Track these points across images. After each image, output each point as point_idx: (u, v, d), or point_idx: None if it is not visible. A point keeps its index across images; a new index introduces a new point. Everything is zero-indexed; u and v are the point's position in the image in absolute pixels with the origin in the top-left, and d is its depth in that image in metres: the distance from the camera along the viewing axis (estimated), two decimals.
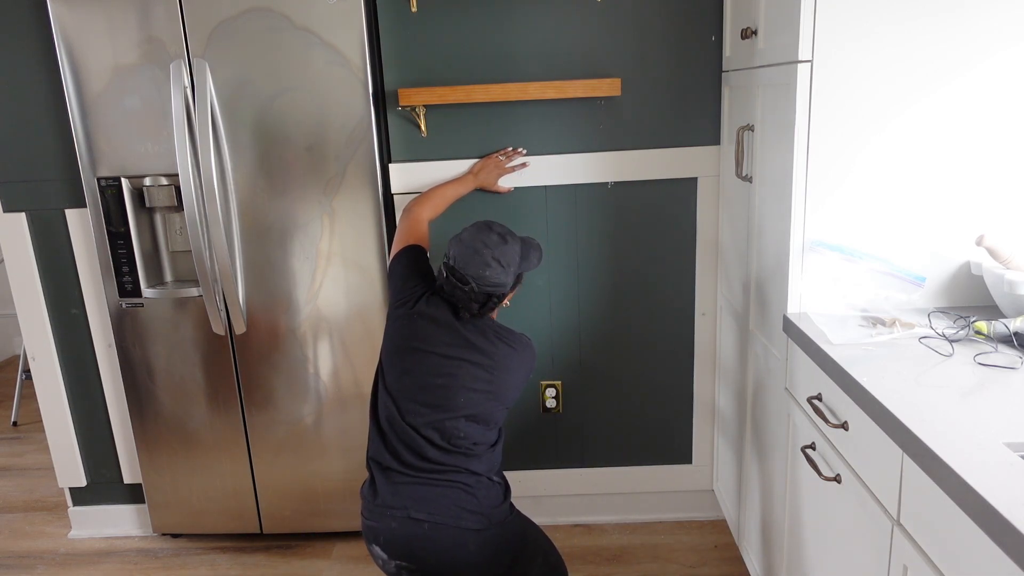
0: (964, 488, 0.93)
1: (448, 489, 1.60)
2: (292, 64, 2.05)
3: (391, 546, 1.60)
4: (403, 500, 1.60)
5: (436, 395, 1.61)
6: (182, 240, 2.27)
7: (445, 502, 1.59)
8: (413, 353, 1.64)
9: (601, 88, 2.09)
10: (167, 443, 2.36)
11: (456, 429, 1.60)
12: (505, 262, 1.63)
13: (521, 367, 1.69)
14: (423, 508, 1.58)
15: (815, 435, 1.49)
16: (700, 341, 2.35)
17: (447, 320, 1.65)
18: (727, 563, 2.27)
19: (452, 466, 1.61)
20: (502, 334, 1.68)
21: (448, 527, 1.57)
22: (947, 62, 1.48)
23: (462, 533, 1.58)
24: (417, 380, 1.63)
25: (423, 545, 1.58)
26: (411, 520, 1.58)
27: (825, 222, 1.57)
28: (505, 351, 1.66)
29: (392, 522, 1.59)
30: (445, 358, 1.62)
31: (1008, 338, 1.38)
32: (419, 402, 1.61)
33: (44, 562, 2.46)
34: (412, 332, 1.66)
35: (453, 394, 1.60)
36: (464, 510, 1.59)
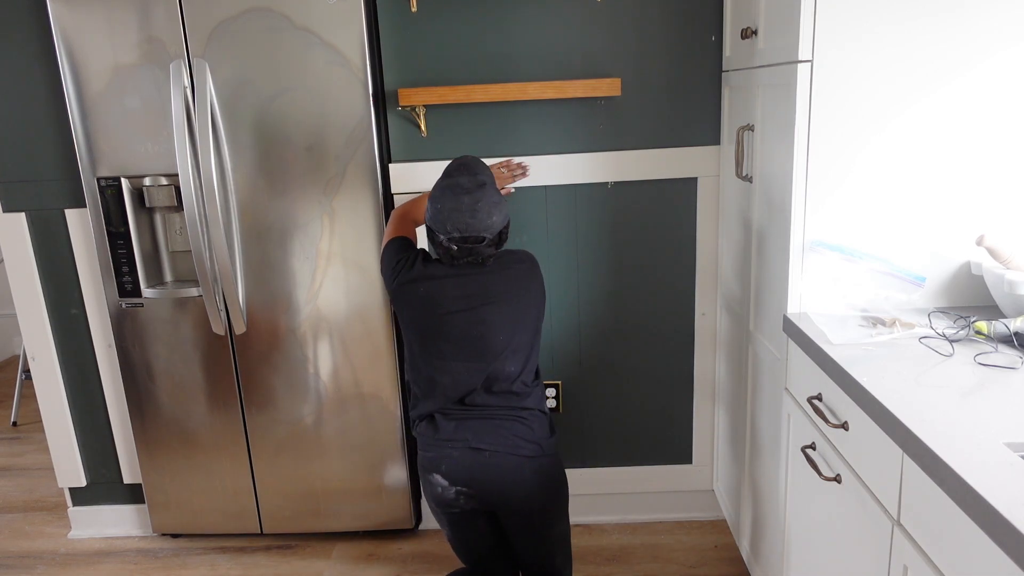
0: (964, 488, 0.93)
1: (506, 421, 1.75)
2: (292, 64, 2.05)
3: (453, 473, 1.74)
4: (464, 432, 1.74)
5: (477, 348, 1.72)
6: (182, 240, 2.27)
7: (504, 432, 1.74)
8: (440, 319, 1.72)
9: (601, 88, 2.09)
10: (167, 443, 2.36)
11: (504, 372, 1.74)
12: (495, 199, 1.70)
13: (534, 278, 1.78)
14: (484, 439, 1.73)
15: (815, 435, 1.49)
16: (700, 341, 2.35)
17: (452, 273, 1.73)
18: (727, 563, 2.27)
19: (507, 404, 1.76)
20: (504, 259, 1.76)
21: (507, 455, 1.73)
22: (947, 62, 1.48)
23: (519, 460, 1.73)
24: (454, 342, 1.73)
25: (484, 471, 1.73)
26: (472, 449, 1.73)
27: (825, 222, 1.57)
28: (516, 271, 1.75)
29: (454, 451, 1.74)
30: (469, 311, 1.71)
31: (1008, 338, 1.38)
32: (463, 359, 1.73)
33: (44, 562, 2.46)
34: (429, 299, 1.73)
35: (491, 341, 1.72)
36: (521, 439, 1.74)
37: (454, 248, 1.69)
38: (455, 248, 1.69)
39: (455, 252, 1.70)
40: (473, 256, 1.70)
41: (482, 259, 1.71)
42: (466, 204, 1.66)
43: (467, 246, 1.68)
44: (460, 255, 1.70)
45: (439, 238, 1.70)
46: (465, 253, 1.70)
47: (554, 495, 1.81)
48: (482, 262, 1.72)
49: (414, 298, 1.74)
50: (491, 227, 1.68)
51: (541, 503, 1.79)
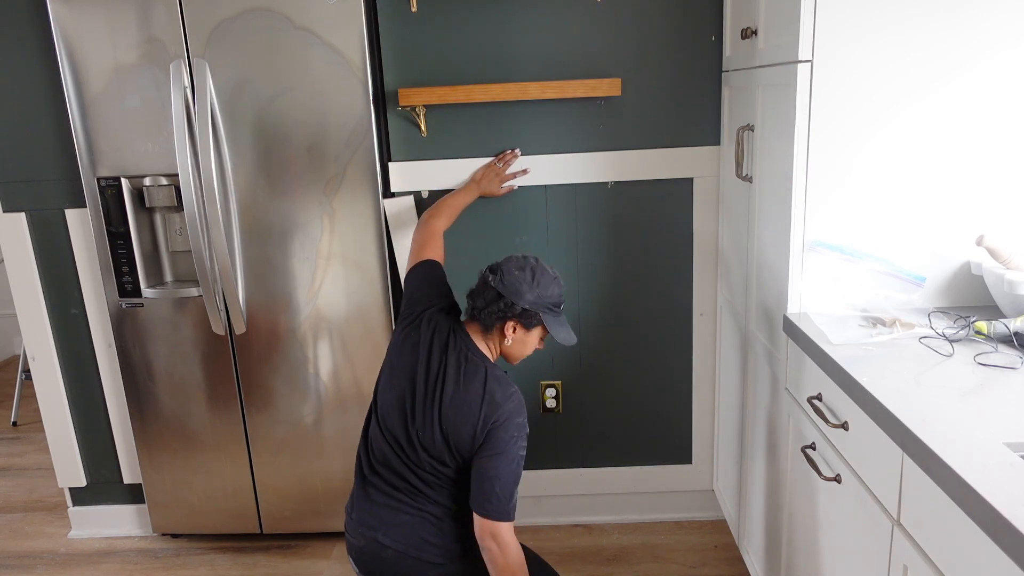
0: (964, 488, 0.93)
1: (415, 518, 1.62)
2: (292, 64, 2.05)
3: (360, 563, 1.66)
4: (374, 520, 1.63)
5: (416, 413, 1.60)
6: (182, 240, 2.27)
7: (409, 531, 1.61)
8: (401, 371, 1.64)
9: (601, 88, 2.09)
10: (167, 443, 2.36)
11: (429, 451, 1.59)
12: (537, 279, 1.61)
13: (474, 416, 1.57)
14: (389, 533, 1.61)
15: (815, 435, 1.49)
16: (699, 341, 2.35)
17: (440, 342, 1.64)
18: (727, 563, 2.28)
19: (423, 493, 1.62)
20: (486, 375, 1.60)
21: (409, 557, 1.60)
22: (947, 62, 1.48)
23: (423, 565, 1.61)
24: (398, 396, 1.62)
25: (386, 569, 1.62)
26: (377, 543, 1.62)
27: (825, 222, 1.57)
28: (474, 391, 1.59)
29: (361, 540, 1.64)
30: (427, 379, 1.61)
31: (1008, 338, 1.38)
32: (399, 416, 1.61)
33: (44, 562, 2.46)
34: (404, 349, 1.66)
35: (430, 415, 1.58)
36: (427, 542, 1.61)
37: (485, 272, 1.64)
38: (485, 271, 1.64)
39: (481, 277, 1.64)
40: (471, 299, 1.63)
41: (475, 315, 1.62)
42: (537, 267, 1.63)
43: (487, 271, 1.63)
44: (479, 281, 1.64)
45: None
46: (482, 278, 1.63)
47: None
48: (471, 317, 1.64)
49: (400, 342, 1.68)
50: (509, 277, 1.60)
51: None
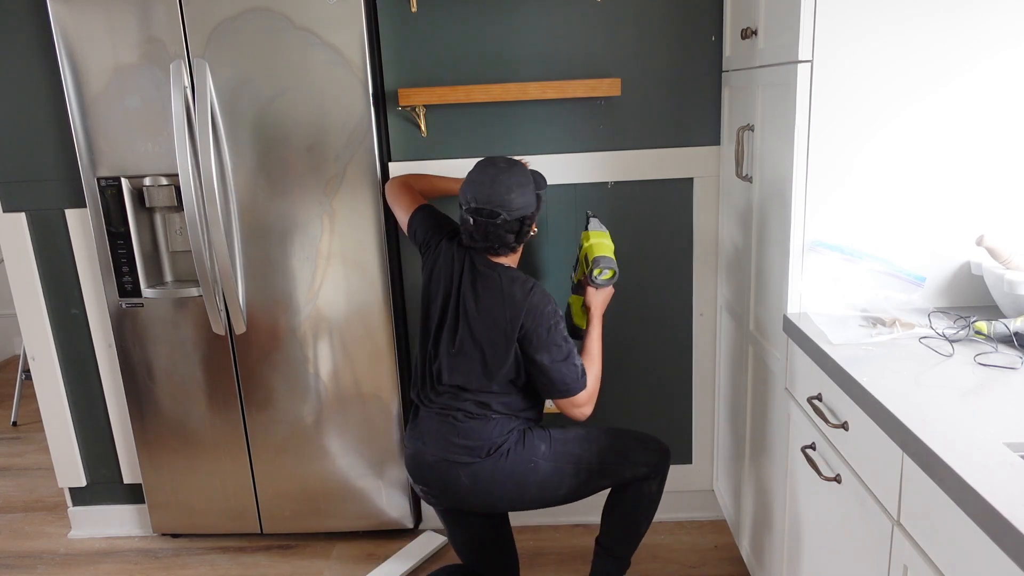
0: (964, 488, 0.93)
1: (443, 424, 1.77)
2: (292, 64, 2.05)
3: (411, 471, 1.83)
4: (419, 431, 1.81)
5: (450, 331, 1.76)
6: (182, 240, 2.27)
7: (439, 435, 1.76)
8: (432, 302, 1.81)
9: (601, 88, 2.09)
10: (167, 443, 2.36)
11: (462, 373, 1.75)
12: (522, 181, 1.71)
13: (502, 321, 1.72)
14: (428, 440, 1.78)
15: (815, 435, 1.49)
16: (698, 341, 2.35)
17: (457, 264, 1.78)
18: (727, 563, 2.27)
19: (454, 404, 1.77)
20: (516, 282, 1.74)
21: (441, 460, 1.75)
22: (947, 62, 1.48)
23: (452, 466, 1.74)
24: (435, 317, 1.79)
25: (428, 474, 1.77)
26: (420, 451, 1.79)
27: (825, 222, 1.57)
28: (493, 299, 1.73)
29: (411, 449, 1.82)
30: (450, 303, 1.77)
31: (1008, 338, 1.38)
32: (438, 336, 1.78)
33: (44, 562, 2.46)
34: (431, 284, 1.82)
35: (461, 331, 1.74)
36: (452, 443, 1.74)
37: (470, 221, 1.71)
38: (471, 221, 1.71)
39: (471, 227, 1.71)
40: (488, 239, 1.71)
41: (497, 246, 1.72)
42: (489, 175, 1.70)
43: (481, 219, 1.69)
44: (476, 232, 1.71)
45: (461, 210, 1.75)
46: (481, 231, 1.70)
47: (512, 496, 1.77)
48: (496, 250, 1.75)
49: (427, 273, 1.84)
50: (507, 204, 1.68)
51: (501, 504, 1.78)
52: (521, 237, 1.75)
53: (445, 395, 1.79)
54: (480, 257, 1.77)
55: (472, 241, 1.75)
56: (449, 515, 1.88)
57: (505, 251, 1.76)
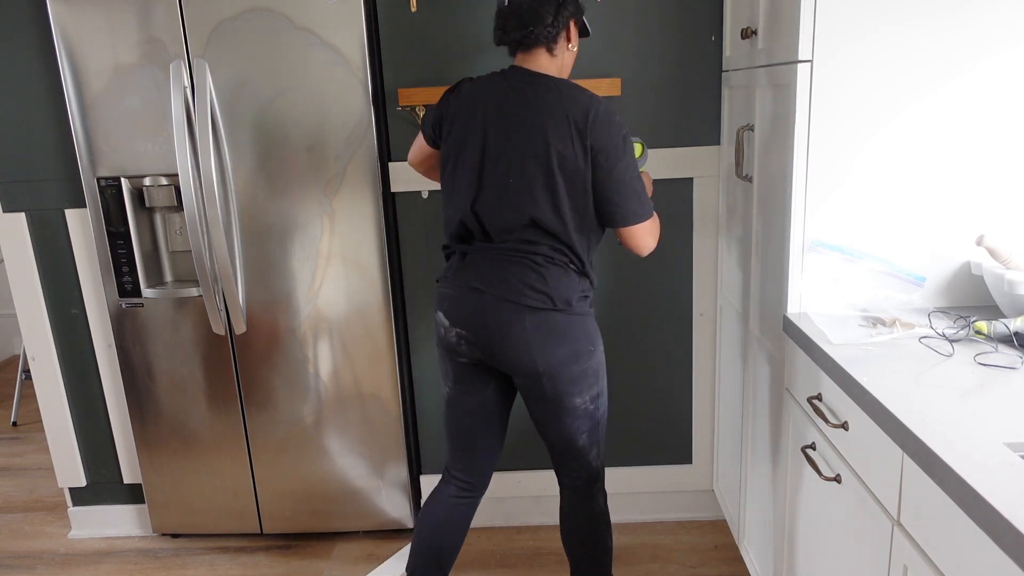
0: (964, 488, 0.93)
1: (515, 265, 1.59)
2: (292, 64, 2.05)
3: (452, 313, 1.65)
4: (470, 272, 1.63)
5: (494, 175, 1.59)
6: (182, 240, 2.27)
7: (509, 276, 1.59)
8: (469, 134, 1.61)
9: (601, 88, 2.09)
10: (167, 443, 2.36)
11: (523, 211, 1.57)
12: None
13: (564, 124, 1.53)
14: (487, 280, 1.60)
15: (815, 435, 1.49)
16: (699, 341, 2.35)
17: (490, 95, 1.61)
18: (727, 563, 2.27)
19: (521, 248, 1.60)
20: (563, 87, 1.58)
21: (507, 301, 1.58)
22: (947, 62, 1.48)
23: (520, 309, 1.58)
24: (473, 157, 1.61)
25: (481, 316, 1.60)
26: (472, 290, 1.61)
27: (825, 222, 1.57)
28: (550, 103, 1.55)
29: (456, 290, 1.64)
30: (505, 119, 1.58)
31: (1008, 338, 1.38)
32: (482, 174, 1.60)
33: (44, 562, 2.46)
34: (463, 110, 1.63)
35: (516, 152, 1.57)
36: (527, 286, 1.58)
37: (505, 3, 1.59)
38: (505, 3, 1.58)
39: (505, 10, 1.58)
40: (524, 22, 1.56)
41: (534, 27, 1.56)
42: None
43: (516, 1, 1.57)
44: (511, 15, 1.57)
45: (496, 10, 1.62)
46: (515, 12, 1.56)
47: (566, 359, 1.60)
48: (534, 39, 1.57)
49: (455, 115, 1.64)
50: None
51: (547, 365, 1.59)
52: (559, 22, 1.57)
53: (512, 239, 1.60)
54: (520, 74, 1.60)
55: (504, 35, 1.60)
56: (468, 373, 1.71)
57: (542, 41, 1.58)
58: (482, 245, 1.64)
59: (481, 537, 2.47)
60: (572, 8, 1.60)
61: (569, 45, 1.64)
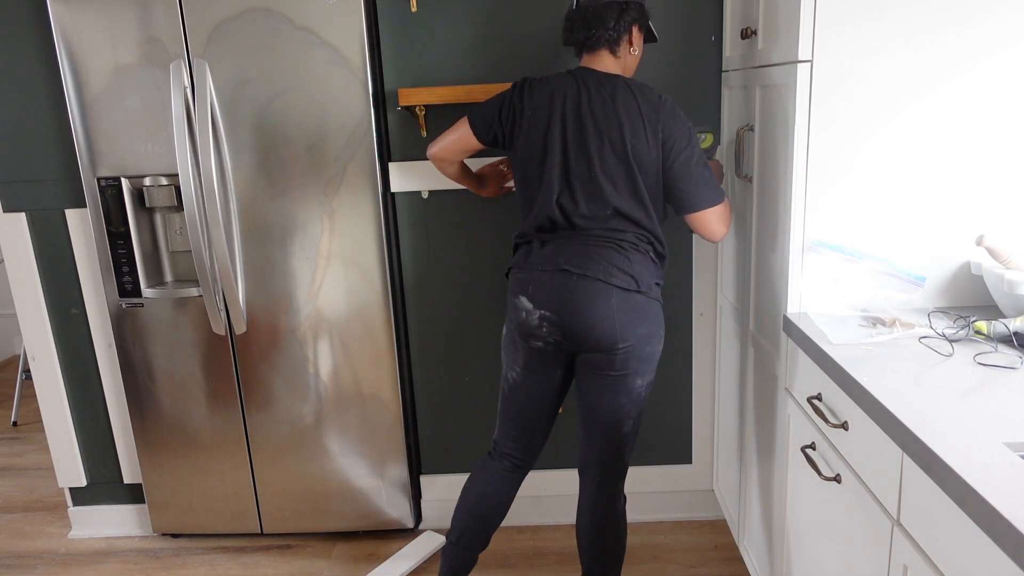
0: (964, 488, 0.93)
1: (602, 248, 1.69)
2: (292, 64, 2.05)
3: (537, 295, 1.70)
4: (556, 256, 1.70)
5: (575, 166, 1.69)
6: (182, 240, 2.27)
7: (597, 258, 1.68)
8: (547, 130, 1.71)
9: None
10: (167, 443, 2.36)
11: (604, 199, 1.68)
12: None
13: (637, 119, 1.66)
14: (575, 262, 1.68)
15: (815, 435, 1.49)
16: (699, 341, 2.35)
17: (562, 94, 1.70)
18: (727, 563, 2.28)
19: (605, 234, 1.70)
20: (632, 85, 1.69)
21: (595, 280, 1.66)
22: (946, 62, 1.48)
23: (607, 287, 1.66)
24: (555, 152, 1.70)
25: (568, 295, 1.67)
26: (561, 271, 1.69)
27: (825, 222, 1.57)
28: (623, 100, 1.66)
29: (543, 274, 1.70)
30: (579, 117, 1.68)
31: (1008, 338, 1.38)
32: (559, 178, 1.71)
33: (44, 562, 2.46)
34: (537, 108, 1.71)
35: (597, 146, 1.67)
36: (614, 267, 1.67)
37: (573, 5, 1.71)
38: (574, 6, 1.71)
39: (572, 13, 1.71)
40: (589, 25, 1.69)
41: (597, 30, 1.68)
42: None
43: (584, 2, 1.69)
44: (577, 19, 1.70)
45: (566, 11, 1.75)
46: (581, 16, 1.69)
47: (643, 337, 1.69)
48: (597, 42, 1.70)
49: (527, 111, 1.73)
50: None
51: (627, 340, 1.67)
52: (621, 26, 1.69)
53: (598, 226, 1.70)
54: (589, 74, 1.71)
55: (570, 35, 1.73)
56: (539, 358, 1.77)
57: (604, 43, 1.70)
58: (566, 232, 1.73)
59: None
60: (635, 14, 1.72)
61: (632, 49, 1.75)
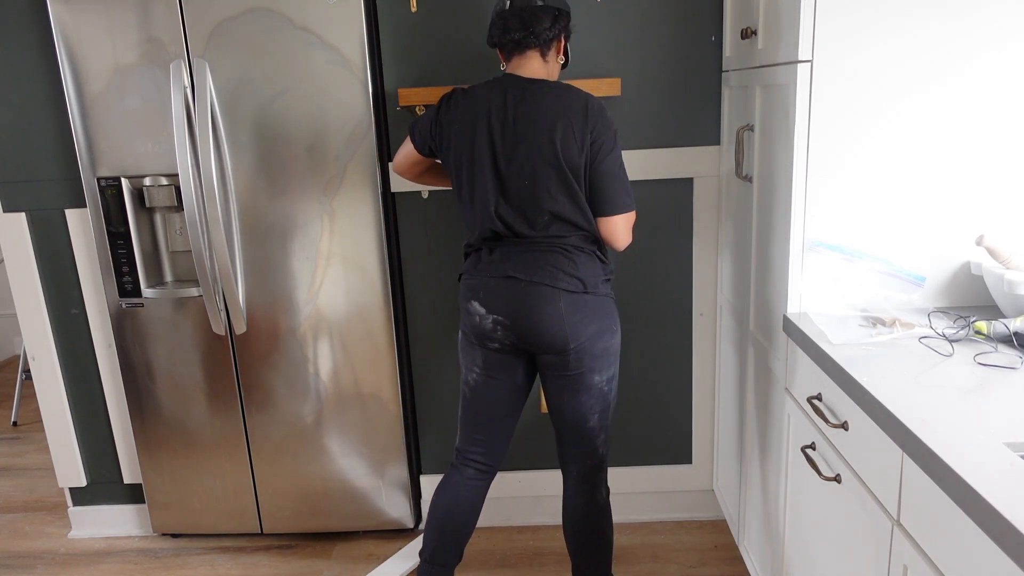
0: (964, 488, 0.93)
1: (547, 254, 1.71)
2: (292, 64, 2.05)
3: (489, 301, 1.73)
4: (503, 263, 1.73)
5: (511, 176, 1.69)
6: (182, 240, 2.27)
7: (543, 263, 1.70)
8: (473, 140, 1.70)
9: (601, 88, 2.09)
10: (167, 443, 2.36)
11: (542, 205, 1.68)
12: None
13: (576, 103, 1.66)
14: (522, 269, 1.71)
15: (815, 435, 1.49)
16: (699, 341, 2.35)
17: (493, 89, 1.70)
18: (727, 563, 2.28)
19: (548, 240, 1.72)
20: (560, 87, 1.69)
21: (542, 285, 1.69)
22: (946, 63, 1.48)
23: (554, 292, 1.69)
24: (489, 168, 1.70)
25: (518, 301, 1.70)
26: (508, 278, 1.71)
27: (825, 222, 1.57)
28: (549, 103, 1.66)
29: (491, 279, 1.73)
30: (506, 129, 1.68)
31: (1008, 338, 1.38)
32: (497, 188, 1.71)
33: (44, 562, 2.46)
34: (467, 121, 1.71)
35: (526, 153, 1.67)
36: (560, 271, 1.70)
37: (506, 5, 1.69)
38: (507, 5, 1.69)
39: (507, 13, 1.69)
40: (526, 25, 1.67)
41: (535, 30, 1.67)
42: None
43: (519, 3, 1.67)
44: (512, 20, 1.68)
45: (493, 14, 1.73)
46: (517, 17, 1.67)
47: (594, 335, 1.72)
48: (531, 43, 1.68)
49: (454, 125, 1.72)
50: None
51: (577, 339, 1.70)
52: (555, 29, 1.70)
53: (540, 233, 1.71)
54: (515, 80, 1.70)
55: (504, 34, 1.69)
56: (497, 359, 1.78)
57: (541, 43, 1.69)
58: (511, 240, 1.74)
59: (481, 537, 2.47)
60: (565, 23, 1.73)
61: (559, 57, 1.77)
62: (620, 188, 1.70)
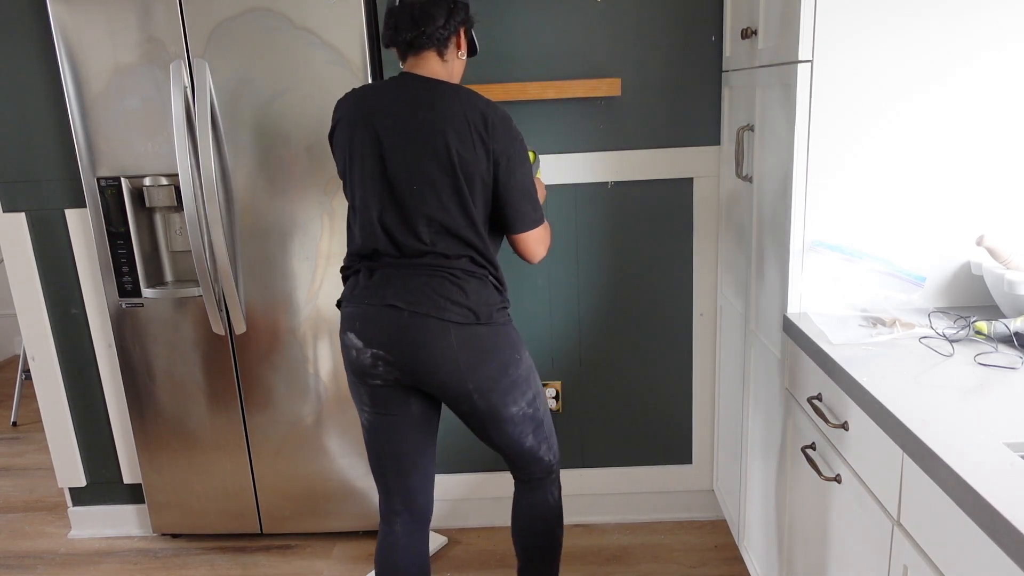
0: (964, 488, 0.93)
1: (432, 279, 1.53)
2: (292, 64, 2.05)
3: (366, 333, 1.54)
4: (383, 289, 1.54)
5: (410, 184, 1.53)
6: (182, 240, 2.27)
7: (427, 290, 1.52)
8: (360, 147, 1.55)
9: (601, 88, 2.09)
10: (167, 443, 2.36)
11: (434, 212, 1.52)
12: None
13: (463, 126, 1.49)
14: (404, 296, 1.52)
15: (815, 435, 1.49)
16: (699, 341, 2.35)
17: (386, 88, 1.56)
18: (727, 563, 2.28)
19: (440, 253, 1.54)
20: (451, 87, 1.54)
21: (428, 317, 1.51)
22: (947, 63, 1.48)
23: (442, 324, 1.51)
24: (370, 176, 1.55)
25: (402, 334, 1.52)
26: (389, 307, 1.52)
27: (825, 222, 1.57)
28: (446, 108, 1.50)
29: (370, 308, 1.54)
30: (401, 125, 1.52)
31: (1008, 338, 1.38)
32: (379, 199, 1.55)
33: (44, 562, 2.46)
34: (347, 143, 1.57)
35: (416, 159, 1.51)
36: (447, 300, 1.52)
37: (395, 3, 1.54)
38: (396, 3, 1.53)
39: (396, 10, 1.53)
40: (417, 23, 1.51)
41: (427, 29, 1.51)
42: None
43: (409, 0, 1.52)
44: (402, 17, 1.52)
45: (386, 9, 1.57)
46: (407, 13, 1.51)
47: (495, 374, 1.56)
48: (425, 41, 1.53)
49: (341, 124, 1.58)
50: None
51: (477, 382, 1.54)
52: (451, 26, 1.53)
53: (425, 252, 1.54)
54: (411, 79, 1.55)
55: (395, 35, 1.54)
56: (385, 395, 1.60)
57: (434, 43, 1.54)
58: (393, 261, 1.56)
59: (481, 537, 2.47)
60: (463, 15, 1.57)
61: (459, 53, 1.61)
62: (531, 203, 1.58)
